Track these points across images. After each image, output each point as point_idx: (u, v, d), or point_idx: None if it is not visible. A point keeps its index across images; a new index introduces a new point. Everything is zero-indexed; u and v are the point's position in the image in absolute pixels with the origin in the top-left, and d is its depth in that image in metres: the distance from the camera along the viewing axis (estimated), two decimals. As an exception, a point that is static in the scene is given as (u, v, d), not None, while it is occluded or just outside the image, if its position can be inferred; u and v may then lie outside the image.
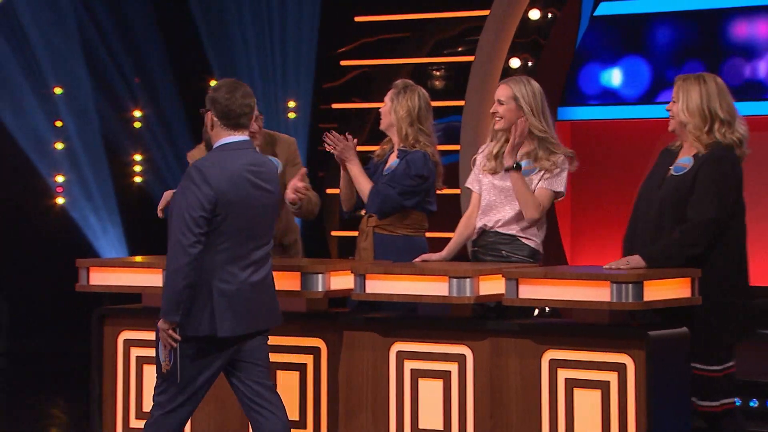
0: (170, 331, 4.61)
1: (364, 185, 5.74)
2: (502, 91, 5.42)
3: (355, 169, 5.78)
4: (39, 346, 9.77)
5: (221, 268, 4.65)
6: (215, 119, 4.80)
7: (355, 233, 5.83)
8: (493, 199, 5.42)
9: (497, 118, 5.43)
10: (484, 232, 5.46)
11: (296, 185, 5.57)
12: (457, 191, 8.17)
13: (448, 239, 5.57)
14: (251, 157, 4.76)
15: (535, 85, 5.42)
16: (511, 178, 5.32)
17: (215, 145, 4.80)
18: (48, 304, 9.77)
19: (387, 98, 5.78)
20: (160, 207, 5.25)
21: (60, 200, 10.06)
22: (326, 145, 5.81)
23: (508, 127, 5.39)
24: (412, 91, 5.74)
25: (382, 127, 5.85)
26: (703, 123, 5.06)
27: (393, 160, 5.74)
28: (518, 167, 5.30)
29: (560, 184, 5.35)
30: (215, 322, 4.63)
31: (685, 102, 5.08)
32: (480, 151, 5.56)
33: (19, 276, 9.85)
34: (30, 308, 9.87)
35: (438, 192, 5.78)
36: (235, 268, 4.67)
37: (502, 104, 5.40)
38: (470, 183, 5.57)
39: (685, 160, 5.08)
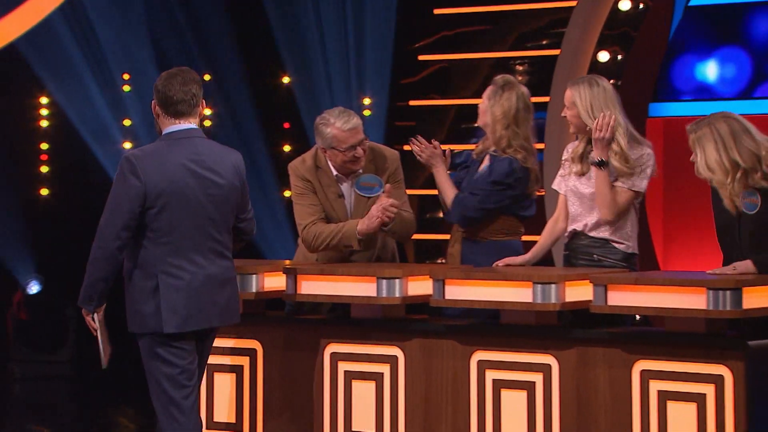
0: (88, 318, 4.81)
1: (447, 193, 5.77)
2: (566, 95, 5.44)
3: (441, 177, 5.80)
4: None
5: (165, 262, 4.72)
6: (157, 108, 4.90)
7: (434, 236, 5.85)
8: (577, 206, 5.43)
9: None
10: (575, 234, 5.46)
11: (384, 204, 5.49)
12: (542, 192, 8.12)
13: (534, 242, 5.55)
14: (194, 146, 4.83)
15: (603, 85, 5.38)
16: (595, 173, 5.31)
17: (162, 134, 4.90)
18: (117, 312, 9.86)
19: (485, 96, 5.77)
20: None
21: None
22: (413, 151, 5.81)
23: (578, 132, 5.42)
24: (511, 89, 5.70)
25: (478, 123, 5.84)
26: (726, 176, 5.01)
27: (485, 164, 5.74)
28: (604, 164, 5.27)
29: (642, 184, 5.34)
30: (161, 317, 4.70)
31: (704, 159, 5.04)
32: (567, 150, 5.54)
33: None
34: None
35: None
36: (182, 261, 4.73)
37: (568, 109, 5.43)
38: (556, 185, 5.56)
39: (749, 195, 5.01)
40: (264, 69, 10.08)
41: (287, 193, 9.62)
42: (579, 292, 4.97)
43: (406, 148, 5.83)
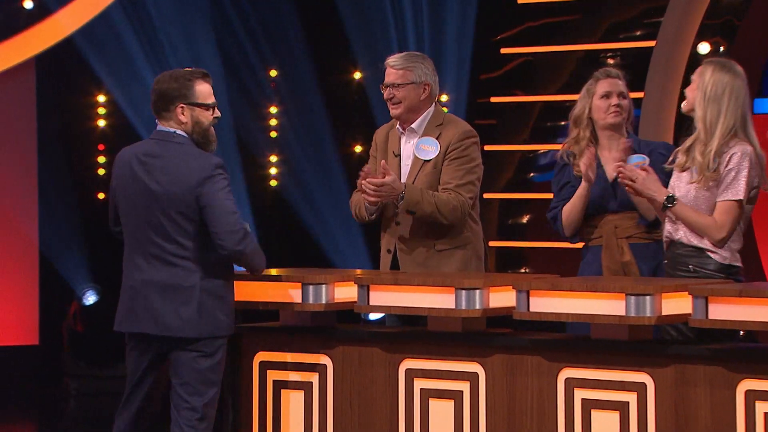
0: None
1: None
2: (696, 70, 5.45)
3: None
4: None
5: (128, 258, 5.20)
6: None
7: (516, 243, 5.82)
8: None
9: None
10: (672, 242, 5.41)
11: (362, 179, 5.77)
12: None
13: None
14: (150, 147, 5.23)
15: (735, 72, 5.34)
16: (674, 213, 5.30)
17: None
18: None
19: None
20: None
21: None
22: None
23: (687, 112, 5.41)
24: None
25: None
26: None
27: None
28: (671, 201, 5.28)
29: (738, 189, 5.28)
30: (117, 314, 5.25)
31: None
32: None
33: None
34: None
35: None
36: (129, 261, 5.20)
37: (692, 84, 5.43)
38: (671, 187, 5.49)
39: None
40: (334, 64, 10.07)
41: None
42: (677, 304, 4.90)
43: (487, 148, 5.81)
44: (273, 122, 10.31)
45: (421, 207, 5.76)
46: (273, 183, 10.40)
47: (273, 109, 10.32)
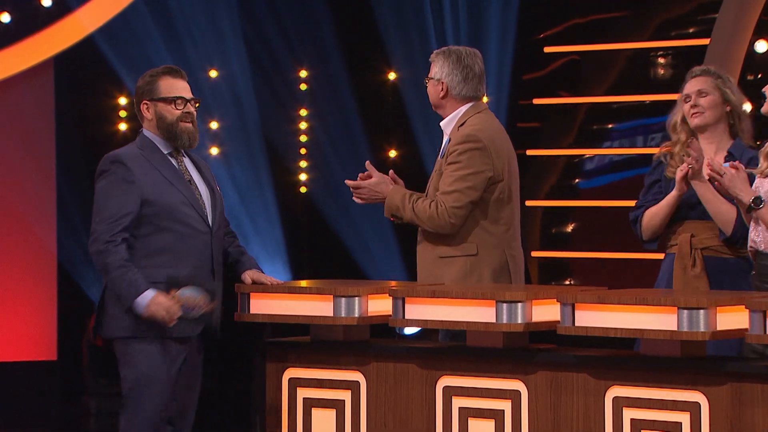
0: None
1: (724, 209, 5.63)
2: None
3: (709, 193, 5.68)
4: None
5: None
6: None
7: (561, 254, 5.80)
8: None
9: None
10: (757, 253, 5.36)
11: (347, 181, 6.02)
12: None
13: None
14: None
15: None
16: (760, 217, 5.24)
17: None
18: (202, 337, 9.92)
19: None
20: None
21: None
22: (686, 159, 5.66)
23: None
24: None
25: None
26: None
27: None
28: (758, 202, 5.20)
29: None
30: None
31: None
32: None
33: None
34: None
35: None
36: None
37: None
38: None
39: None
40: (368, 63, 10.07)
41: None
42: (733, 319, 4.85)
43: (530, 152, 5.79)
44: (303, 125, 10.32)
45: (401, 213, 5.86)
46: (303, 189, 10.41)
47: (303, 112, 10.33)
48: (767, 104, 5.31)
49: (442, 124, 5.98)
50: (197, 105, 5.58)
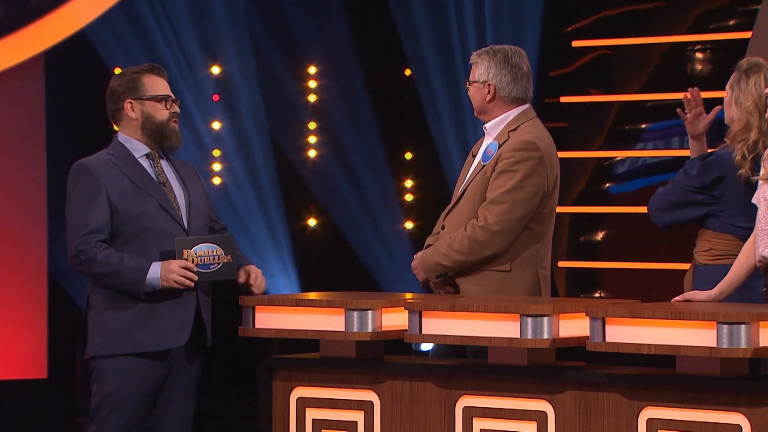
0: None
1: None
2: None
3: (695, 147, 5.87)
4: (197, 403, 9.95)
5: None
6: None
7: (590, 264, 5.84)
8: (765, 222, 5.32)
9: None
10: None
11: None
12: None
13: None
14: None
15: None
16: None
17: None
18: (205, 352, 9.93)
19: (728, 86, 5.77)
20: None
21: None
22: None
23: None
24: (758, 72, 5.69)
25: (726, 121, 5.82)
26: None
27: None
28: None
29: None
30: None
31: None
32: None
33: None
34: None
35: None
36: None
37: None
38: (756, 198, 5.45)
39: None
40: (382, 59, 10.09)
41: (408, 224, 9.63)
42: (776, 335, 4.87)
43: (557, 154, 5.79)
44: (312, 126, 10.32)
45: (442, 266, 5.84)
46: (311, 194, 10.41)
47: (311, 97, 10.29)
48: None
49: (488, 125, 5.95)
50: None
